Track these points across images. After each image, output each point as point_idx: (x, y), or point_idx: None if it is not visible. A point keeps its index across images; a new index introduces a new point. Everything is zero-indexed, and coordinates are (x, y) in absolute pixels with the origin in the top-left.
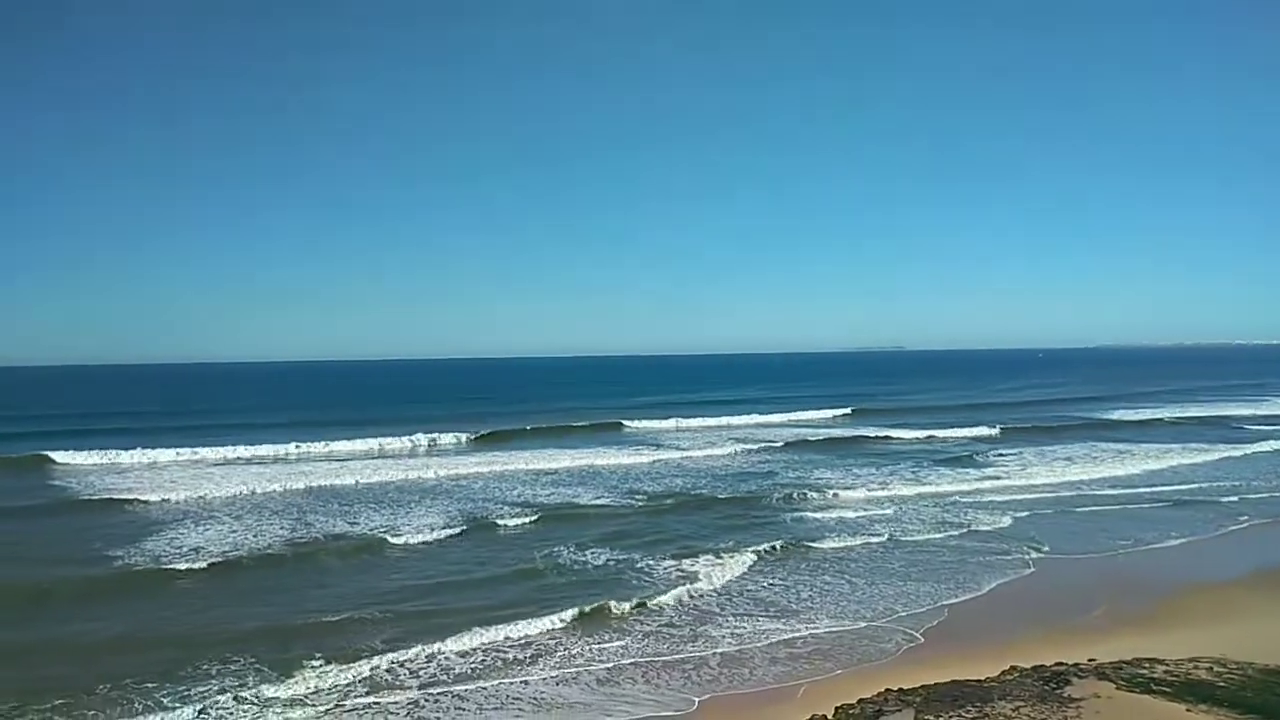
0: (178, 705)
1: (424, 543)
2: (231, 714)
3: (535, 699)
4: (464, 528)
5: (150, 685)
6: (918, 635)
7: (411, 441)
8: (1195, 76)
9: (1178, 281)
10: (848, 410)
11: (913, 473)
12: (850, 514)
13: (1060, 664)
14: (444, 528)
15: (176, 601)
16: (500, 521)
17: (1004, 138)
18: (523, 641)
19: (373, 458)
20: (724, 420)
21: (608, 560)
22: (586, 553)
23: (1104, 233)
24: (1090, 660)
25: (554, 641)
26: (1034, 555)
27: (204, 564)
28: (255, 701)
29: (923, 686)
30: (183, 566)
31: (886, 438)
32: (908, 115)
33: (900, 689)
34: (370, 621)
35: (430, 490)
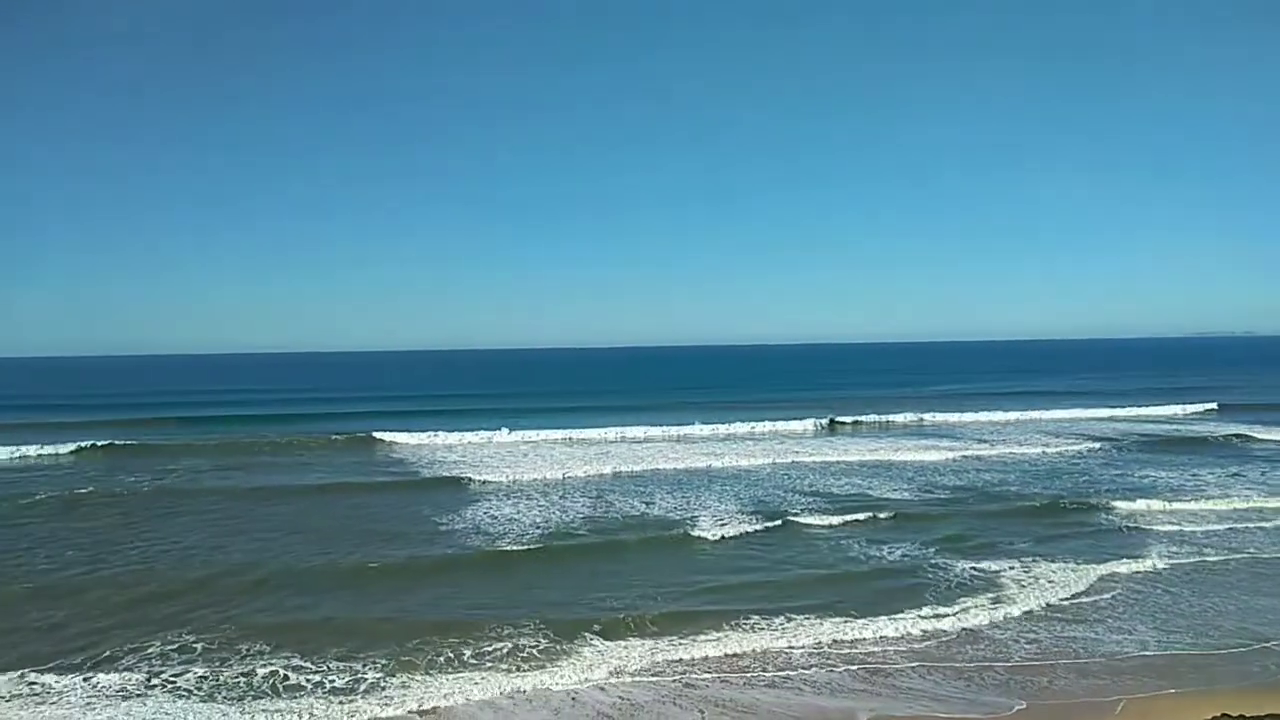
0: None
1: (727, 537)
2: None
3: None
4: (770, 523)
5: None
6: (1269, 664)
7: (710, 429)
8: None
9: None
10: (1212, 405)
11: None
12: (1192, 527)
13: None
14: (738, 514)
15: (510, 578)
16: (802, 519)
17: None
18: (853, 641)
19: (667, 442)
20: (1034, 414)
21: (917, 559)
22: (892, 550)
23: None
24: None
25: (872, 638)
26: None
27: (526, 546)
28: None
29: (1271, 716)
30: (510, 547)
31: (1245, 437)
32: None
33: (1242, 715)
34: (698, 616)
35: (723, 477)
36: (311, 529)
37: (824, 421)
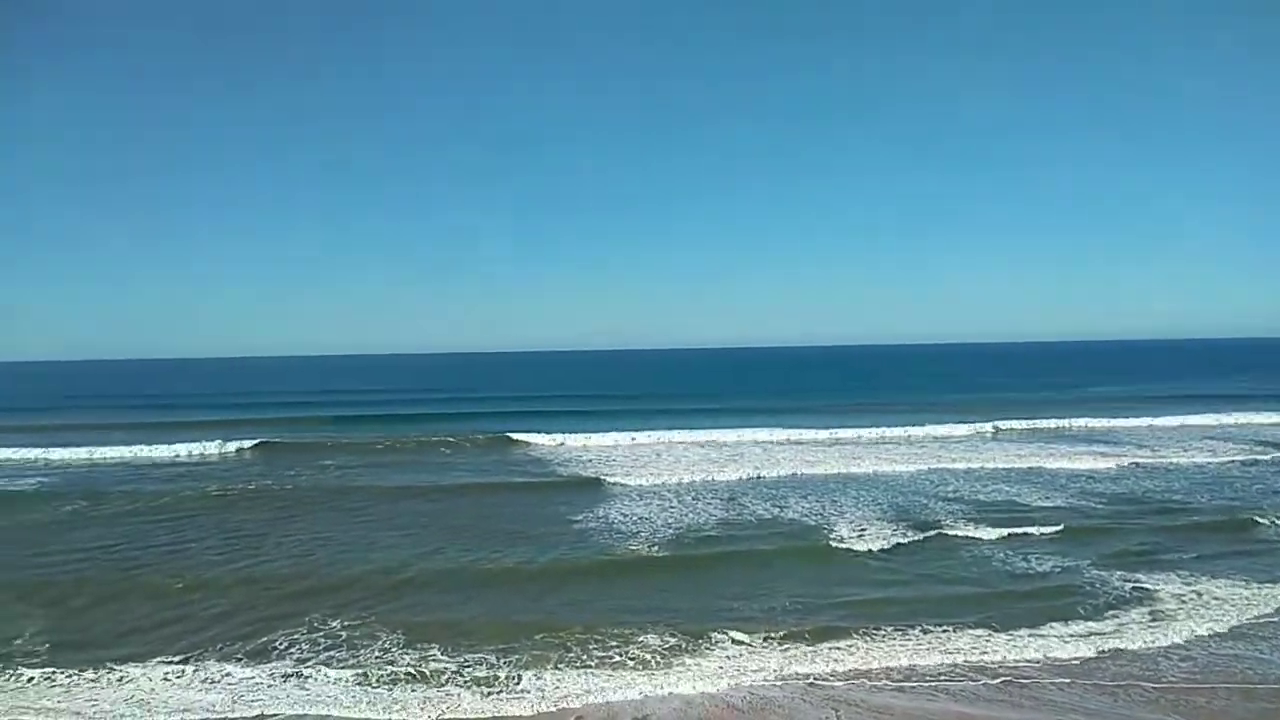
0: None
1: (867, 548)
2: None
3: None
4: (913, 533)
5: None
6: None
7: (853, 432)
8: None
9: None
10: None
11: None
12: None
13: None
14: (879, 523)
15: (643, 582)
16: (948, 529)
17: None
18: (993, 653)
19: (805, 445)
20: (1197, 419)
21: (1069, 572)
22: (1042, 562)
23: None
24: None
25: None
26: None
27: (660, 551)
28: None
29: None
30: (644, 551)
31: None
32: None
33: None
34: (833, 628)
35: (864, 483)
36: (455, 528)
37: (985, 426)
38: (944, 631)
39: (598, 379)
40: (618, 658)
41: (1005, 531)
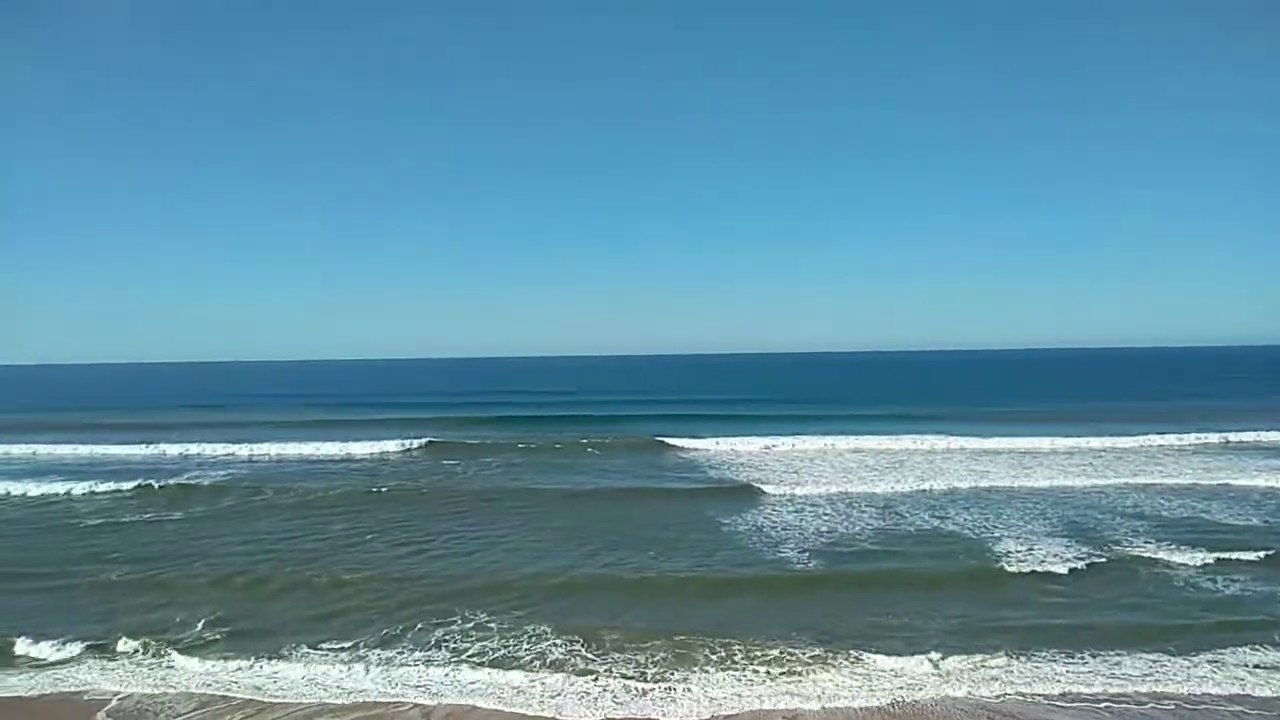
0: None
1: (1035, 571)
2: None
3: None
4: (1090, 555)
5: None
6: None
7: (1027, 441)
8: None
9: None
10: None
11: None
12: None
13: None
14: (1051, 542)
15: (796, 597)
16: (1130, 551)
17: None
18: (1167, 681)
19: (971, 454)
20: None
21: (1264, 599)
22: (1227, 584)
23: None
24: None
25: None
26: None
27: (813, 565)
28: None
29: None
30: (797, 565)
31: None
32: None
33: None
34: (992, 652)
35: (1037, 498)
36: (608, 533)
37: (1162, 439)
38: (1116, 657)
39: (749, 382)
40: (769, 668)
41: (1196, 554)
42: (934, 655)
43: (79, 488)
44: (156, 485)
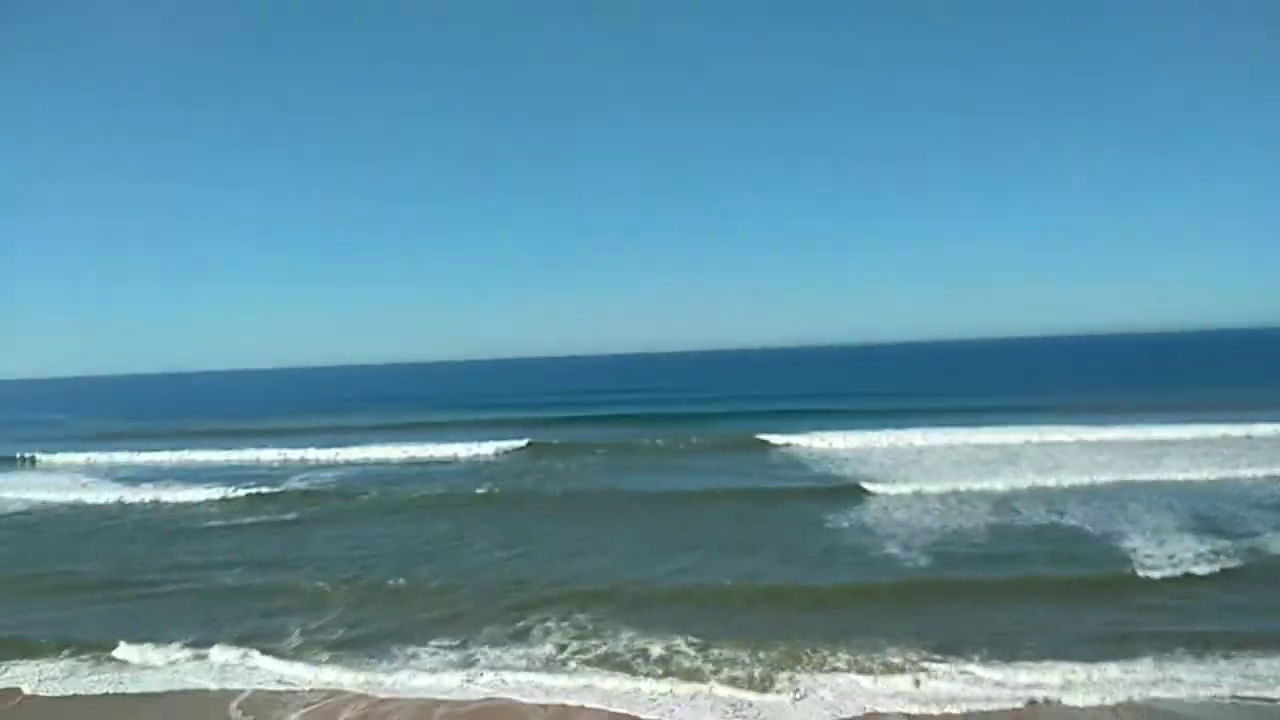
0: None
1: (1175, 576)
2: None
3: None
4: (1234, 558)
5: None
6: None
7: (1170, 431)
8: None
9: None
10: None
11: None
12: None
13: None
14: (1190, 544)
15: (906, 607)
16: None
17: None
18: None
19: (1095, 447)
20: None
21: None
22: None
23: None
24: None
25: None
26: None
27: (925, 573)
28: None
29: None
30: (908, 574)
31: None
32: None
33: None
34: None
35: (1173, 495)
36: (710, 536)
37: None
38: (1267, 667)
39: (850, 375)
40: (885, 675)
41: None
42: (1065, 663)
43: (186, 494)
44: (263, 491)
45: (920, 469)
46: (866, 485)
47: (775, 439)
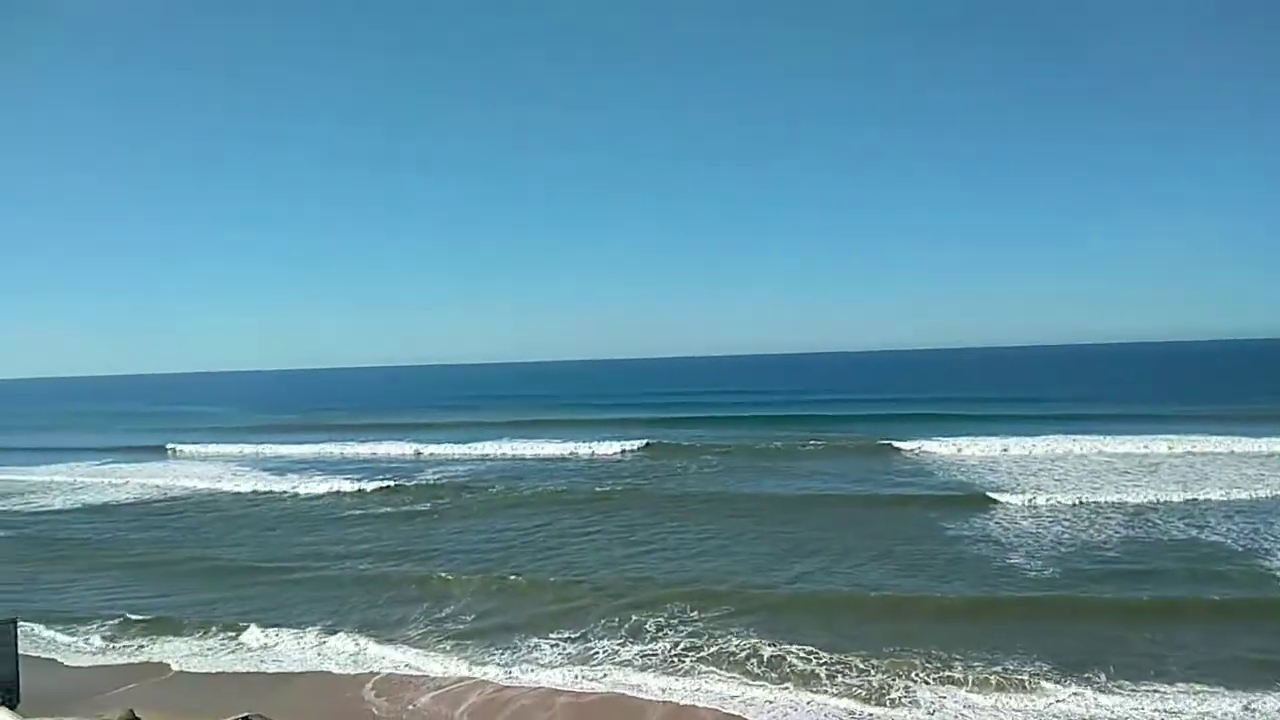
0: None
1: None
2: None
3: None
4: None
5: None
6: None
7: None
8: None
9: None
10: None
11: None
12: None
13: None
14: None
15: (1021, 624)
16: None
17: None
18: None
19: (1241, 458)
20: None
21: None
22: None
23: None
24: None
25: None
26: None
27: (1049, 589)
28: None
29: None
30: (1031, 589)
31: None
32: None
33: None
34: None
35: None
36: (830, 542)
37: None
38: None
39: (981, 379)
40: (1017, 696)
41: None
42: (1205, 691)
43: (325, 485)
44: (396, 483)
45: (1051, 478)
46: (994, 494)
47: (898, 443)
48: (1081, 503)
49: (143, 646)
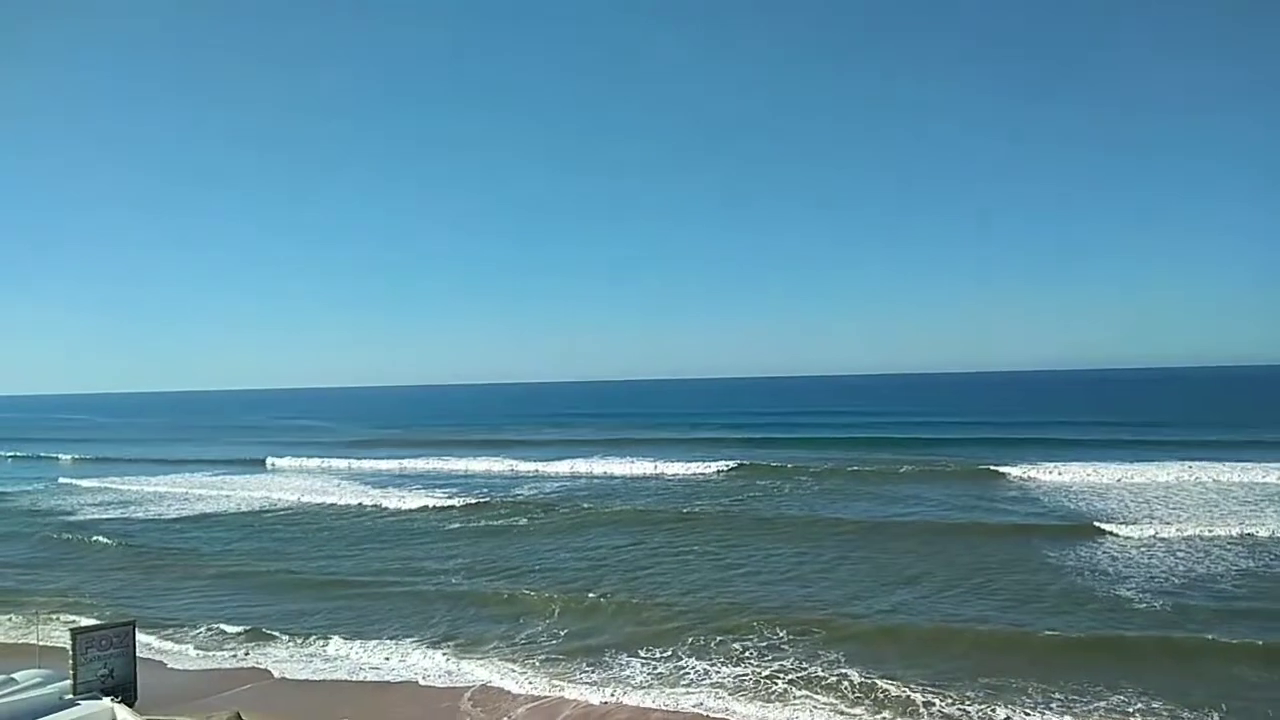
0: None
1: None
2: None
3: None
4: None
5: None
6: None
7: None
8: None
9: None
10: None
11: None
12: None
13: None
14: None
15: (1132, 663)
16: None
17: None
18: None
19: None
20: None
21: None
22: None
23: None
24: None
25: None
26: None
27: (1159, 629)
28: None
29: None
30: (1135, 629)
31: None
32: None
33: None
34: None
35: None
36: (927, 572)
37: None
38: None
39: (1090, 402)
40: None
41: None
42: None
43: (422, 499)
44: (491, 499)
45: (1165, 507)
46: (1103, 525)
47: (1006, 469)
48: (1196, 535)
49: (246, 653)
